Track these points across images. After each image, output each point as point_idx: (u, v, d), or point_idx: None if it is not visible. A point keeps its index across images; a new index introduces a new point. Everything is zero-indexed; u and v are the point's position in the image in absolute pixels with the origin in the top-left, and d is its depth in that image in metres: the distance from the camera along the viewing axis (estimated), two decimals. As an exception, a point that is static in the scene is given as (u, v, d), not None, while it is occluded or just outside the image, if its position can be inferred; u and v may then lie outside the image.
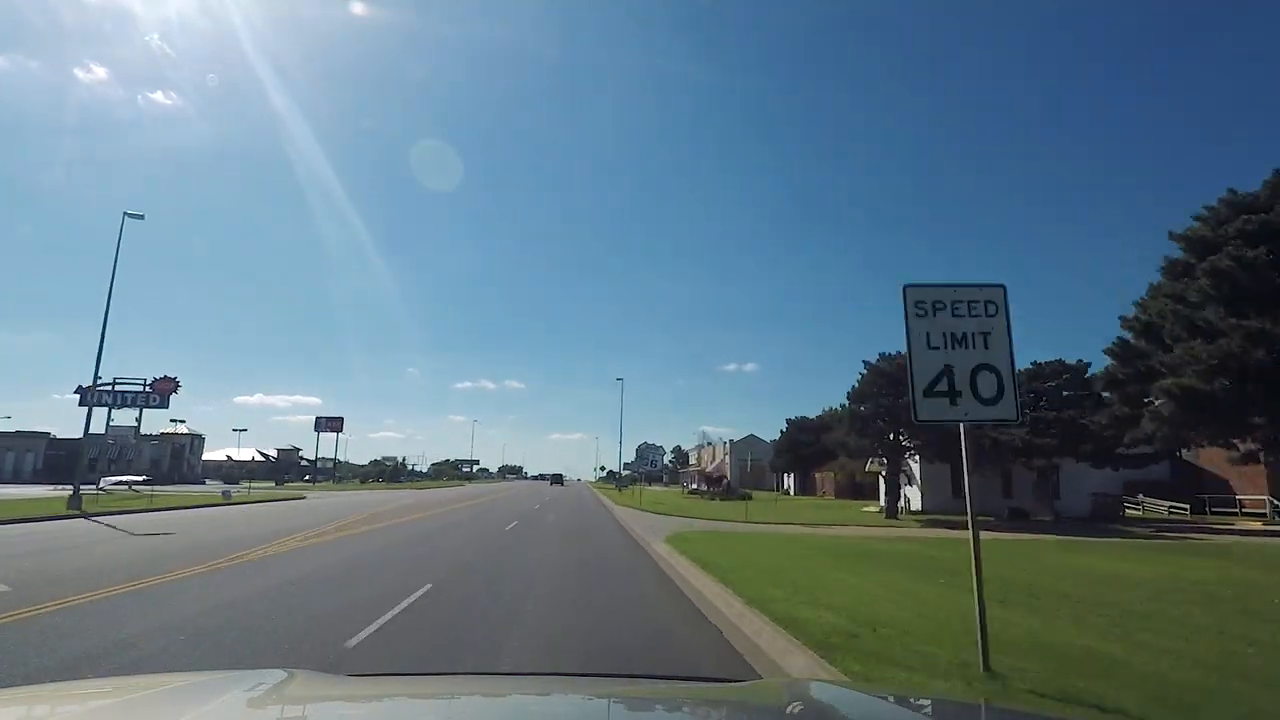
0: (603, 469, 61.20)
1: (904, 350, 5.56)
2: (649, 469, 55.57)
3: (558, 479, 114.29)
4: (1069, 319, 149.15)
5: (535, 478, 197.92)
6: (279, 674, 1.79)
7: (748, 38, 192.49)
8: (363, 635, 6.38)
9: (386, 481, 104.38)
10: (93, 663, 5.41)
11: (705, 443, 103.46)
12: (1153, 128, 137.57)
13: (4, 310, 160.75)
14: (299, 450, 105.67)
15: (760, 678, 4.79)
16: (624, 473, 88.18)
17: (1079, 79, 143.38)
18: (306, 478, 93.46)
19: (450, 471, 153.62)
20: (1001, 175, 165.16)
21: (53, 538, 15.18)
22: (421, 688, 2.10)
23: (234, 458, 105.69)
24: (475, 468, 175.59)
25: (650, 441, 62.96)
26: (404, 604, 7.89)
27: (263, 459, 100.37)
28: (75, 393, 34.62)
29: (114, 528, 18.14)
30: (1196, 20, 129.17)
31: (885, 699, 2.01)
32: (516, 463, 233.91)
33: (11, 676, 4.91)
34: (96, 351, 25.63)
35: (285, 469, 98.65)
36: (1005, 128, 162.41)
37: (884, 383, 28.90)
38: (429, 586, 9.18)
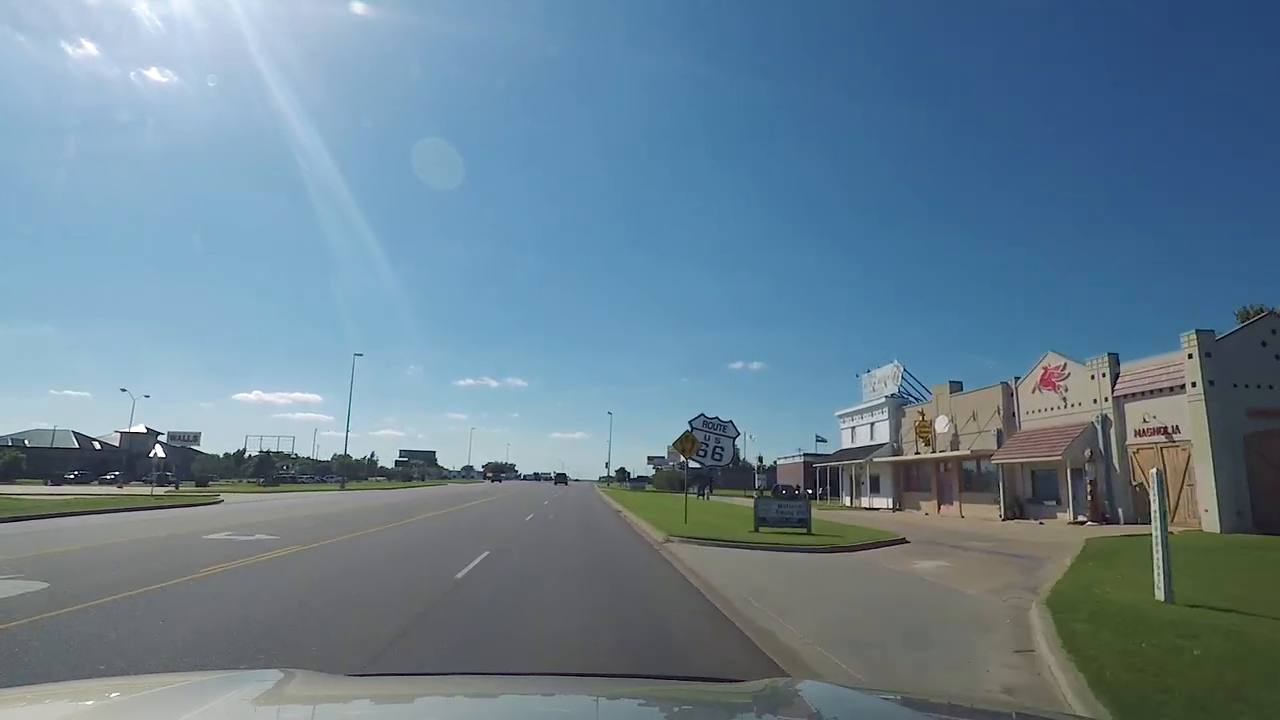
0: (664, 456, 31.12)
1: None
2: (712, 463, 19.38)
3: (561, 479, 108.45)
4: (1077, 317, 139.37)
5: (529, 478, 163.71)
6: (278, 674, 1.71)
7: (750, 35, 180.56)
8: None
9: (257, 483, 69.06)
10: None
11: (914, 395, 41.67)
12: (1157, 124, 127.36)
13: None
14: (158, 435, 73.54)
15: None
16: (660, 468, 49.79)
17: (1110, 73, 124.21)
18: (169, 474, 62.32)
19: (402, 469, 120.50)
20: (1020, 173, 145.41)
21: None
22: (421, 688, 2.05)
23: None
24: (429, 464, 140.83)
25: (715, 415, 22.83)
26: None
27: (78, 445, 68.08)
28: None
29: None
30: (1201, 19, 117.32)
31: (884, 699, 1.98)
32: (517, 461, 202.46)
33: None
34: None
35: (134, 460, 67.82)
36: (1020, 125, 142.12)
37: None
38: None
